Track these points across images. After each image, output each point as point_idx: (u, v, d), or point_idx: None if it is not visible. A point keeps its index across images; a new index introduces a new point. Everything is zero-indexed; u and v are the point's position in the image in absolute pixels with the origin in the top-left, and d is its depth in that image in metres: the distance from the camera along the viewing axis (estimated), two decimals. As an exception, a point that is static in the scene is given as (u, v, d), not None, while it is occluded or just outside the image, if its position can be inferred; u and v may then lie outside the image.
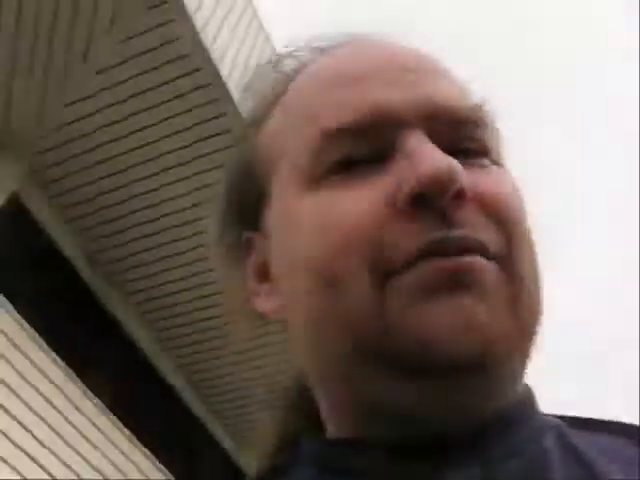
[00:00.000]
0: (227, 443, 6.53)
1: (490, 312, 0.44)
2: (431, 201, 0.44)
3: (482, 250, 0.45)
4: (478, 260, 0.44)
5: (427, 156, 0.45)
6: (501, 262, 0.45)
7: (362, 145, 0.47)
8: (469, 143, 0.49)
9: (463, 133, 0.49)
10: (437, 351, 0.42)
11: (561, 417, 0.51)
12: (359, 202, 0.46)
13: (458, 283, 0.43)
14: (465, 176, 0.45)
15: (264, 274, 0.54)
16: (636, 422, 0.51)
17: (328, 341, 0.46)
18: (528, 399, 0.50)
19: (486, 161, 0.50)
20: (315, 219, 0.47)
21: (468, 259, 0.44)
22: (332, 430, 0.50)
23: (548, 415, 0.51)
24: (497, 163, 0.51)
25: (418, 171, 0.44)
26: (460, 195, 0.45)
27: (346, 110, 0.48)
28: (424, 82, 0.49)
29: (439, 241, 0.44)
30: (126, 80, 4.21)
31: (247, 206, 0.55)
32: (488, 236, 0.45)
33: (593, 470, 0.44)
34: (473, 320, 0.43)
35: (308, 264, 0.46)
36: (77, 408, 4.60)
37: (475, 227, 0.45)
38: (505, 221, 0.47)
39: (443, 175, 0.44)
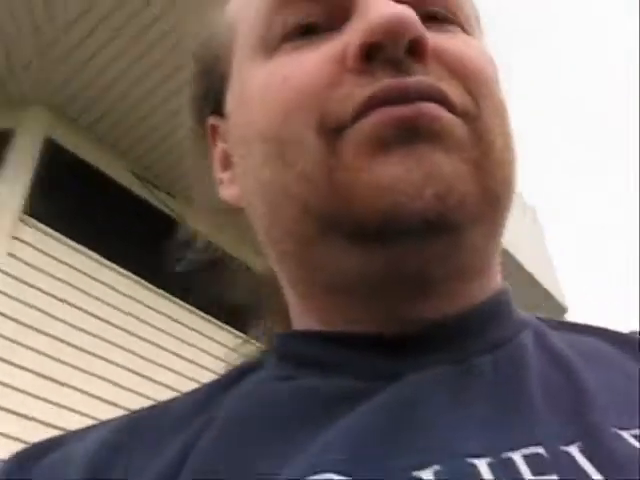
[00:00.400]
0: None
1: (452, 166, 0.39)
2: (385, 53, 0.40)
3: (444, 100, 0.41)
4: (439, 108, 0.40)
5: (378, 5, 0.41)
6: (467, 120, 0.41)
7: (317, 8, 0.44)
8: (435, 7, 0.45)
9: None
10: (391, 207, 0.38)
11: (538, 318, 0.49)
12: (307, 63, 0.43)
13: (415, 132, 0.39)
14: (424, 29, 0.41)
15: (227, 161, 0.52)
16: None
17: (281, 212, 0.43)
18: (504, 297, 0.47)
19: (456, 28, 0.46)
20: (267, 86, 0.44)
21: (427, 105, 0.40)
22: (297, 323, 0.49)
23: (526, 315, 0.48)
24: (469, 33, 0.47)
25: (368, 20, 0.41)
26: (418, 46, 0.41)
27: None
28: None
29: (393, 87, 0.40)
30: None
31: (212, 92, 0.52)
32: (453, 90, 0.41)
33: (569, 369, 0.41)
34: (432, 170, 0.39)
35: (256, 133, 0.44)
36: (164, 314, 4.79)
37: (438, 76, 0.41)
38: (472, 81, 0.42)
39: (395, 20, 0.40)
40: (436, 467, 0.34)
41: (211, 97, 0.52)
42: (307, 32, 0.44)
